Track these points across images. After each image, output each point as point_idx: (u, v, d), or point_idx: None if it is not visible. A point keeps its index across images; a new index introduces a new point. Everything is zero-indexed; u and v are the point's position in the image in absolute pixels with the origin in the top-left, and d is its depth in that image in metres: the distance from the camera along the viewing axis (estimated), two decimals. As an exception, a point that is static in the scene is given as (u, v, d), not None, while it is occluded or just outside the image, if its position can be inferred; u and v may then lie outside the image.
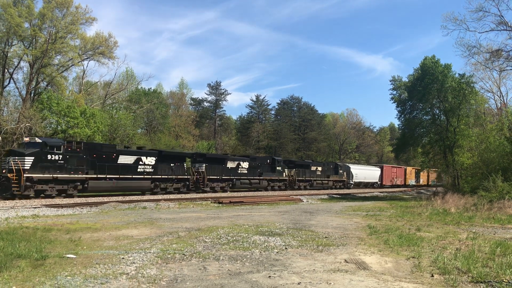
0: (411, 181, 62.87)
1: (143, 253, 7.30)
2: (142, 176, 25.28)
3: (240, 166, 33.38)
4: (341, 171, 47.40)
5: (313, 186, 41.36)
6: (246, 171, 33.74)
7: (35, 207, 16.05)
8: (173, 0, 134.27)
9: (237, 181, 32.50)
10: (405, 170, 62.24)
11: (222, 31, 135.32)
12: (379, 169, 56.07)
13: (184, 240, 8.80)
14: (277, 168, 37.40)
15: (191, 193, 28.15)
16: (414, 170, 63.28)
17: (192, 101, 68.16)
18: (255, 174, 34.57)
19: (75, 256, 6.93)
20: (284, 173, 38.14)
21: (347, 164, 52.50)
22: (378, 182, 55.09)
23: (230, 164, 32.53)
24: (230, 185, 32.14)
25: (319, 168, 43.65)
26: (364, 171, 53.82)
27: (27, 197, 19.99)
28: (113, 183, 23.44)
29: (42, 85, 40.28)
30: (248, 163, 34.24)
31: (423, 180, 65.89)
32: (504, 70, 34.60)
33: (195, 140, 54.35)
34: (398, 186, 58.29)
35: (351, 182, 49.74)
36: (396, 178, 58.81)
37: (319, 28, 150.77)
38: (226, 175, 31.64)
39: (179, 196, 25.33)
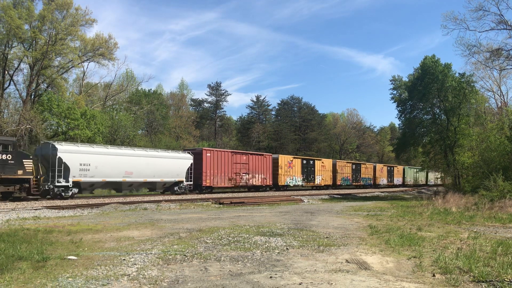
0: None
1: (144, 254, 7.30)
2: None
3: None
4: None
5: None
6: None
7: (36, 209, 16.06)
8: (173, 1, 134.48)
9: None
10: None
11: (223, 32, 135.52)
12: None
13: (185, 241, 8.80)
14: None
15: (192, 194, 28.27)
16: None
17: (192, 102, 68.25)
18: None
19: (76, 258, 6.93)
20: None
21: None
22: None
23: None
24: None
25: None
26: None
27: (28, 199, 19.99)
28: None
29: (42, 86, 40.34)
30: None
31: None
32: (504, 69, 34.65)
33: (196, 141, 54.38)
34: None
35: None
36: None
37: (320, 28, 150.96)
38: None
39: (180, 197, 25.36)
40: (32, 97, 39.17)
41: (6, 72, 37.96)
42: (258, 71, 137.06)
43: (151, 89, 56.33)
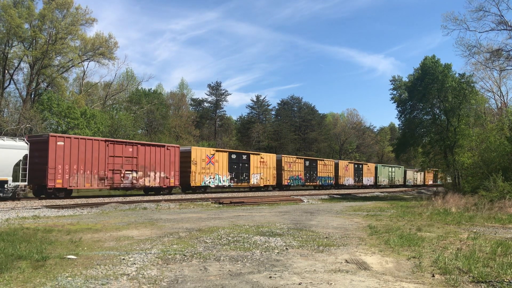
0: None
1: (144, 253, 7.30)
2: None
3: None
4: None
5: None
6: None
7: (36, 208, 16.06)
8: (174, 0, 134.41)
9: None
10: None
11: (224, 32, 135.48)
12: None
13: (184, 241, 8.80)
14: None
15: (191, 194, 28.26)
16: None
17: (192, 102, 68.24)
18: None
19: (75, 257, 6.93)
20: None
21: None
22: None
23: None
24: None
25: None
26: None
27: (28, 198, 19.98)
28: None
29: (42, 86, 40.36)
30: None
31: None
32: (504, 70, 34.66)
33: (196, 141, 54.36)
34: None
35: None
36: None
37: (321, 28, 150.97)
38: None
39: (179, 196, 25.35)
40: (32, 96, 39.19)
41: (6, 71, 37.97)
42: (258, 71, 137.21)
43: (151, 89, 56.37)
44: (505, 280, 5.68)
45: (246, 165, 33.82)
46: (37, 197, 22.09)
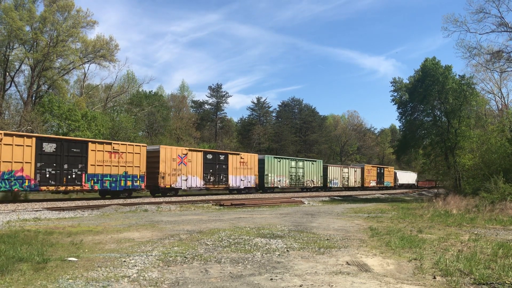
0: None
1: (145, 256, 7.30)
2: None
3: None
4: None
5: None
6: None
7: (37, 210, 16.06)
8: (176, 2, 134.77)
9: None
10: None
11: (225, 34, 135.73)
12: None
13: (185, 243, 8.80)
14: None
15: (192, 196, 28.24)
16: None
17: (193, 104, 68.32)
18: None
19: (76, 259, 6.93)
20: None
21: None
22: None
23: None
24: None
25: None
26: None
27: (29, 200, 20.00)
28: None
29: (43, 88, 40.43)
30: None
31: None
32: (505, 71, 34.63)
33: (196, 143, 54.41)
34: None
35: None
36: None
37: (322, 30, 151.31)
38: None
39: (180, 198, 25.35)
40: (33, 98, 39.25)
41: (7, 73, 38.06)
42: (259, 73, 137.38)
43: (152, 91, 56.48)
44: (507, 282, 5.67)
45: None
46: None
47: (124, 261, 6.84)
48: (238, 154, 32.99)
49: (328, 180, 44.47)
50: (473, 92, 32.49)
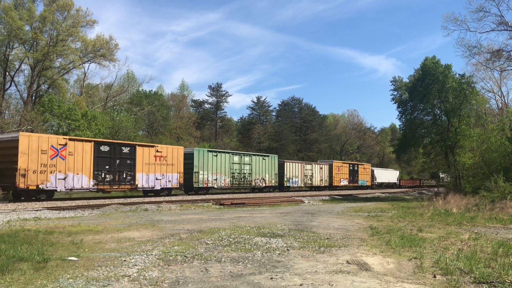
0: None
1: (145, 255, 7.30)
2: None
3: None
4: None
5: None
6: None
7: (37, 210, 16.07)
8: (176, 2, 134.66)
9: None
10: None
11: (225, 33, 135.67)
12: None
13: (185, 242, 8.80)
14: None
15: (192, 195, 28.25)
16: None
17: (193, 103, 68.31)
18: None
19: (77, 259, 6.93)
20: None
21: None
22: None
23: None
24: None
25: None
26: None
27: (29, 200, 20.00)
28: None
29: (43, 87, 40.43)
30: None
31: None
32: (505, 70, 34.64)
33: (196, 142, 54.41)
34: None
35: None
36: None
37: (322, 29, 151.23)
38: None
39: (180, 198, 25.34)
40: (33, 98, 39.25)
41: (7, 73, 38.05)
42: (259, 72, 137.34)
43: (152, 90, 56.45)
44: (507, 280, 5.67)
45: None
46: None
47: (125, 260, 6.84)
48: (153, 146, 26.29)
49: (285, 179, 38.87)
50: (473, 91, 32.50)
